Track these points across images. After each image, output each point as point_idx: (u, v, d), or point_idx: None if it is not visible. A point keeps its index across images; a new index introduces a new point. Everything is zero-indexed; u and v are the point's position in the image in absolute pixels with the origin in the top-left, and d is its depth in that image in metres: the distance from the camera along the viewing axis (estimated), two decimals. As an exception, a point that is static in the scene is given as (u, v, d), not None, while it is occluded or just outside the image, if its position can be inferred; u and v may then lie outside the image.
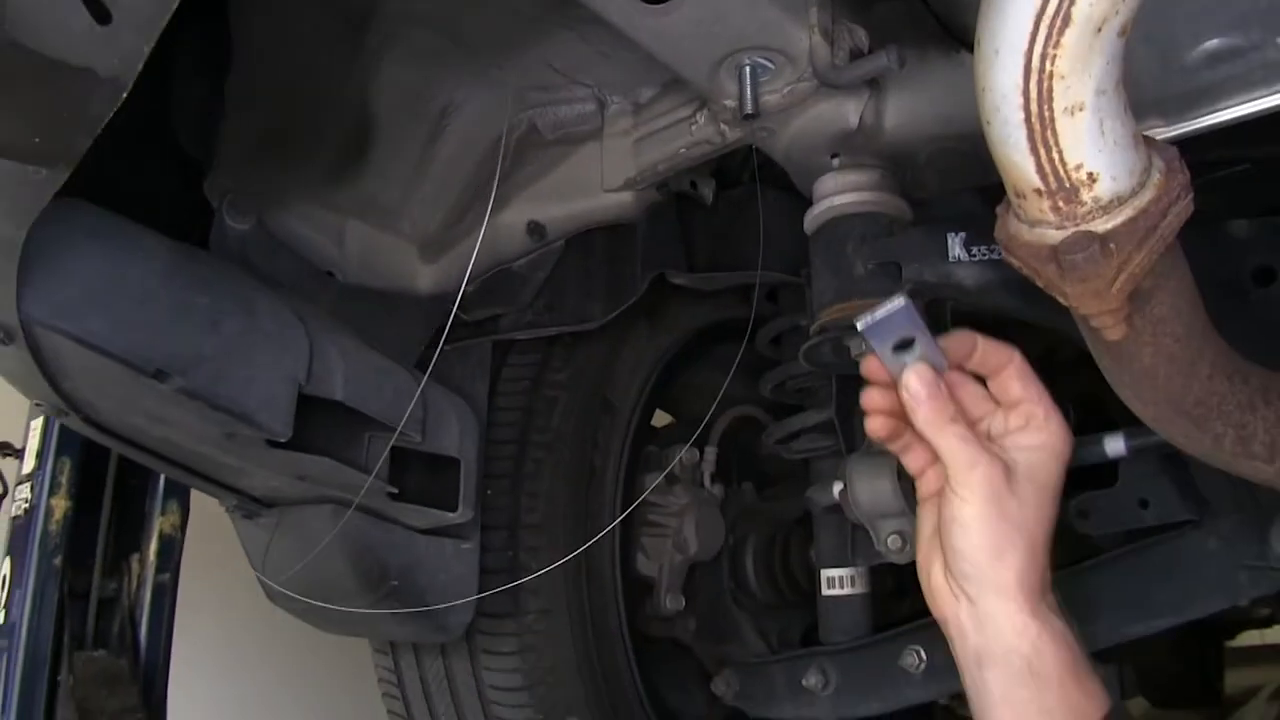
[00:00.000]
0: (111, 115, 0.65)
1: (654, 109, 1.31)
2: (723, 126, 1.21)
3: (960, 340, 0.88)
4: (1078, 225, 0.70)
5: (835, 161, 1.19)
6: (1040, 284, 0.73)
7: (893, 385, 0.86)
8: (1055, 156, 0.68)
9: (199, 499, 1.66)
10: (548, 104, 1.36)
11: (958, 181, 1.23)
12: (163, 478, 1.64)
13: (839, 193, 1.17)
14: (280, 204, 1.24)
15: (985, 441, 0.84)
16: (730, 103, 1.13)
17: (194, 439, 1.08)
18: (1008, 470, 0.83)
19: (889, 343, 0.85)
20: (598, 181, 1.34)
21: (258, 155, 1.21)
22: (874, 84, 1.14)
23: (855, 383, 1.37)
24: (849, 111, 1.14)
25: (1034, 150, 0.68)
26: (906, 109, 1.15)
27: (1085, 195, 0.69)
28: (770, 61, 1.08)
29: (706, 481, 1.65)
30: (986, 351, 0.88)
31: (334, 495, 1.18)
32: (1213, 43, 0.88)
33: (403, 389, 1.14)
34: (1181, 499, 1.15)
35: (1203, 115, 0.93)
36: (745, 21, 1.02)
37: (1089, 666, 0.84)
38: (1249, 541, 1.09)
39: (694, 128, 1.26)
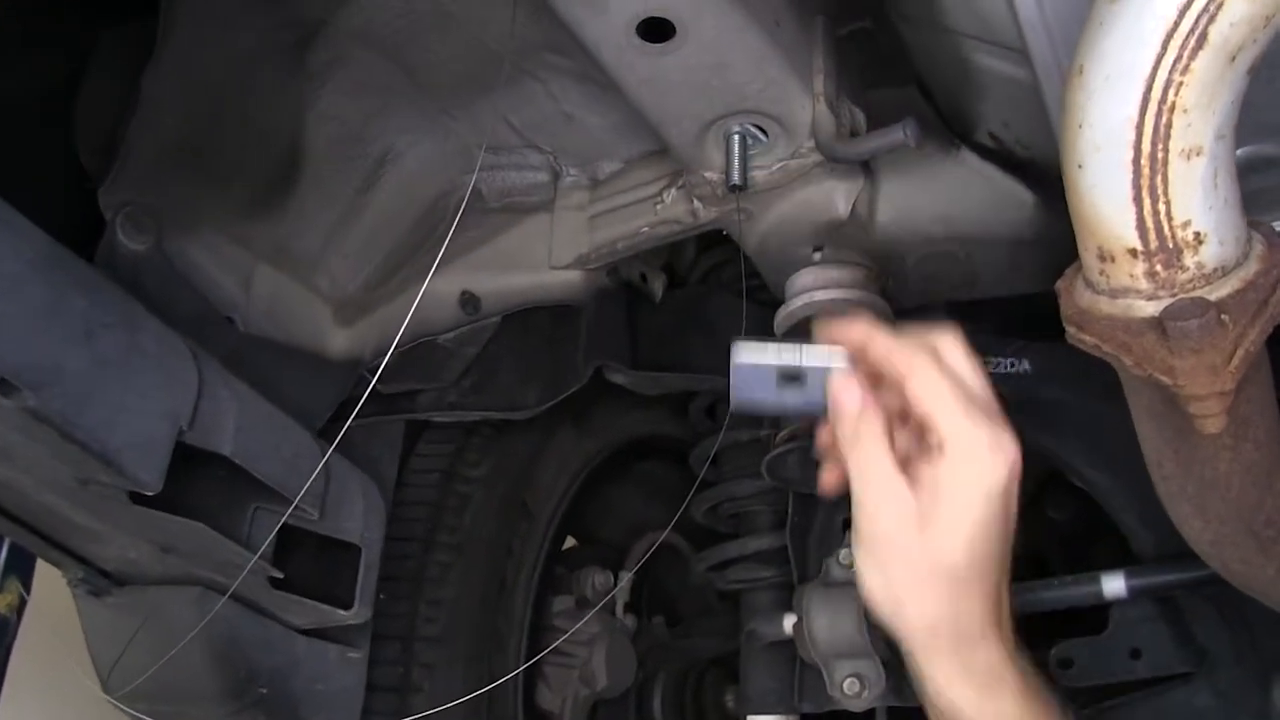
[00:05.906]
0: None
1: (615, 185, 1.21)
2: (696, 204, 1.11)
3: (856, 336, 0.71)
4: (1174, 295, 0.60)
5: (817, 255, 1.09)
6: (1129, 362, 0.61)
7: None
8: (1161, 209, 0.59)
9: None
10: (497, 167, 1.24)
11: (944, 292, 1.15)
12: (4, 551, 1.46)
13: (818, 288, 1.07)
14: (185, 229, 1.07)
15: (899, 469, 0.67)
16: (712, 175, 1.04)
17: (38, 483, 0.86)
18: (918, 507, 0.66)
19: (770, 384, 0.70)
20: (544, 256, 1.22)
21: (167, 169, 1.04)
22: (868, 172, 1.07)
23: (815, 502, 1.26)
24: (839, 199, 1.05)
25: (1137, 199, 0.59)
26: (901, 204, 1.07)
27: (1188, 259, 0.60)
28: (764, 131, 0.99)
29: (619, 611, 1.48)
30: (884, 359, 0.69)
31: (203, 577, 0.96)
32: (1244, 150, 0.82)
33: (303, 454, 0.94)
34: (1178, 649, 1.03)
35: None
36: (747, 77, 0.93)
37: None
38: (1249, 696, 1.00)
39: (659, 207, 1.16)
